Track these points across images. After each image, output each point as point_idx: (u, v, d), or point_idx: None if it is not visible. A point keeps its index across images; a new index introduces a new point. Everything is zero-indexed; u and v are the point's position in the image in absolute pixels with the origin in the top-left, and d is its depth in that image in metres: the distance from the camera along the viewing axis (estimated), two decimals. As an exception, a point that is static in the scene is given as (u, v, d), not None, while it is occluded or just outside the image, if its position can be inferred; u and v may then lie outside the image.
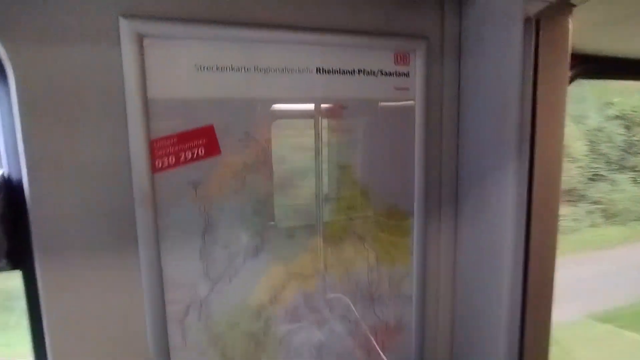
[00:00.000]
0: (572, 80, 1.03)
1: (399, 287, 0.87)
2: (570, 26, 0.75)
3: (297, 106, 0.75)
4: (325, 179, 0.78)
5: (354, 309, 0.84)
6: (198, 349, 0.72)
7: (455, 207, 0.90)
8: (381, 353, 0.88)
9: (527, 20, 0.71)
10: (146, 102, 0.65)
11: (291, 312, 0.78)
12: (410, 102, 0.82)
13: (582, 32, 0.87)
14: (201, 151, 0.69)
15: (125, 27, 0.62)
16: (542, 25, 0.71)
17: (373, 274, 0.84)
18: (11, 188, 0.63)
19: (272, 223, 0.75)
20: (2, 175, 0.63)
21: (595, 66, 1.01)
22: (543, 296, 0.81)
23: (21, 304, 0.67)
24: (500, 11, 0.75)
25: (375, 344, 0.87)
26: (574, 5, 0.74)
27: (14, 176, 0.63)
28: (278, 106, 0.73)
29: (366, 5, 0.77)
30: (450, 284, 0.93)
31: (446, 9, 0.83)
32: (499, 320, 0.81)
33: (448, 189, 0.90)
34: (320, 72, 0.75)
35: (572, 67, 1.02)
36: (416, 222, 0.86)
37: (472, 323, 0.89)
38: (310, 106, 0.76)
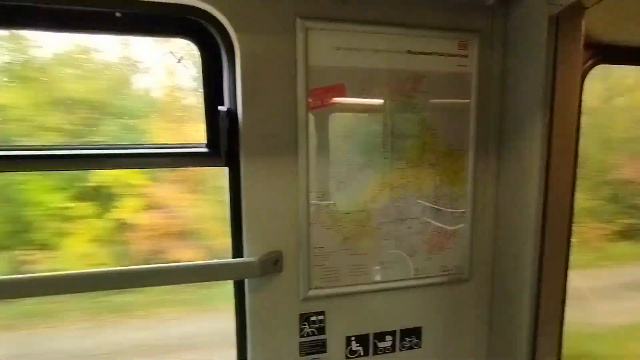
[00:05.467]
0: (594, 65, 1.36)
1: (457, 203, 1.25)
2: (584, 22, 1.11)
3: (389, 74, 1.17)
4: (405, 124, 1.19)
5: (424, 213, 1.23)
6: (326, 225, 1.16)
7: (498, 149, 1.27)
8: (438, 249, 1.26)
9: (550, 19, 1.08)
10: (307, 68, 1.10)
11: (384, 208, 1.20)
12: (469, 73, 1.21)
13: (603, 26, 1.21)
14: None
15: (299, 24, 1.08)
16: (560, 23, 1.07)
17: (438, 190, 1.23)
18: (231, 116, 1.10)
19: (378, 150, 1.17)
20: (228, 109, 1.11)
21: (615, 53, 1.34)
22: (561, 210, 1.16)
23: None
24: (531, 12, 1.12)
25: (437, 241, 1.25)
26: (586, 7, 1.10)
27: (233, 109, 1.11)
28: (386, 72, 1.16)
29: (438, 10, 1.18)
30: (493, 204, 1.29)
31: (496, 11, 1.22)
32: (527, 229, 1.17)
33: (494, 136, 1.27)
34: (409, 53, 1.17)
35: (595, 55, 1.36)
36: (471, 157, 1.24)
37: (509, 233, 1.25)
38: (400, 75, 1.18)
